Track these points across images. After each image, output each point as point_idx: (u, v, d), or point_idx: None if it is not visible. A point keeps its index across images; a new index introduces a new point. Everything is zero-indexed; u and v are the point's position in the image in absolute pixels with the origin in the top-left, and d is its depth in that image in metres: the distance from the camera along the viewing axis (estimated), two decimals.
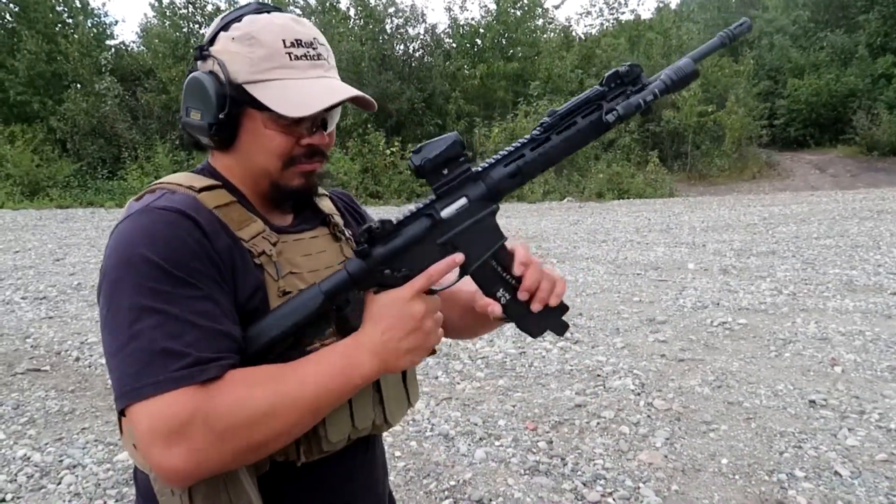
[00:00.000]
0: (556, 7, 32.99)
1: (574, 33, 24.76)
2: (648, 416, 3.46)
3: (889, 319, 5.03)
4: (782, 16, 27.84)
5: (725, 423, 3.37)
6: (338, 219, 1.14)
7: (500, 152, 0.99)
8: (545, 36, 22.79)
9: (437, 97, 19.64)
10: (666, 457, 3.04)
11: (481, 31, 21.53)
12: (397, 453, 3.13)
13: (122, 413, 0.82)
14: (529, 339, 4.80)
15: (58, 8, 22.04)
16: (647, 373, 4.06)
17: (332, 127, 1.02)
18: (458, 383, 4.02)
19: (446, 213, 0.95)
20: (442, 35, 21.64)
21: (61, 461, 3.12)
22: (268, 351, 0.91)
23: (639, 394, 3.75)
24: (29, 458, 3.14)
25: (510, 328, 5.06)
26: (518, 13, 21.72)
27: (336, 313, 0.95)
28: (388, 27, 20.45)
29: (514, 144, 0.98)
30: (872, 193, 14.47)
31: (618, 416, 3.47)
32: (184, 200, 0.90)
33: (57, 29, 21.30)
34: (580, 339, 4.78)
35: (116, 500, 2.81)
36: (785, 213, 11.85)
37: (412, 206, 0.99)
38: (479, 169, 0.97)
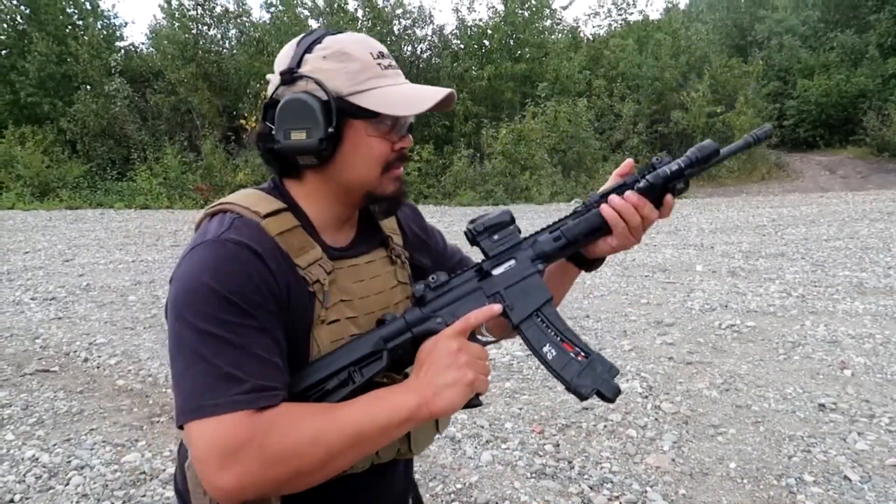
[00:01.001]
0: (564, 8, 32.82)
1: (582, 34, 24.73)
2: (656, 420, 3.44)
3: None
4: (792, 16, 27.70)
5: (734, 426, 3.35)
6: (397, 239, 1.17)
7: (551, 223, 1.09)
8: (553, 37, 22.72)
9: None
10: (673, 460, 3.02)
11: (489, 32, 21.46)
12: None
13: (180, 427, 0.88)
14: None
15: (68, 10, 22.16)
16: (655, 375, 4.04)
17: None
18: None
19: (496, 271, 1.04)
20: (449, 36, 21.64)
21: (69, 462, 3.13)
22: (320, 385, 0.96)
23: (646, 397, 3.73)
24: (37, 459, 3.16)
25: None
26: (526, 14, 21.67)
27: (392, 357, 1.00)
28: (395, 28, 20.46)
29: (563, 217, 1.10)
30: (883, 195, 14.37)
31: (625, 420, 3.45)
32: (249, 231, 0.94)
33: (67, 31, 21.40)
34: (587, 342, 4.76)
35: (124, 502, 2.82)
36: (794, 214, 11.78)
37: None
38: (527, 236, 1.08)
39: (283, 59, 1.01)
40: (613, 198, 1.06)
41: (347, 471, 0.99)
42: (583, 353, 1.02)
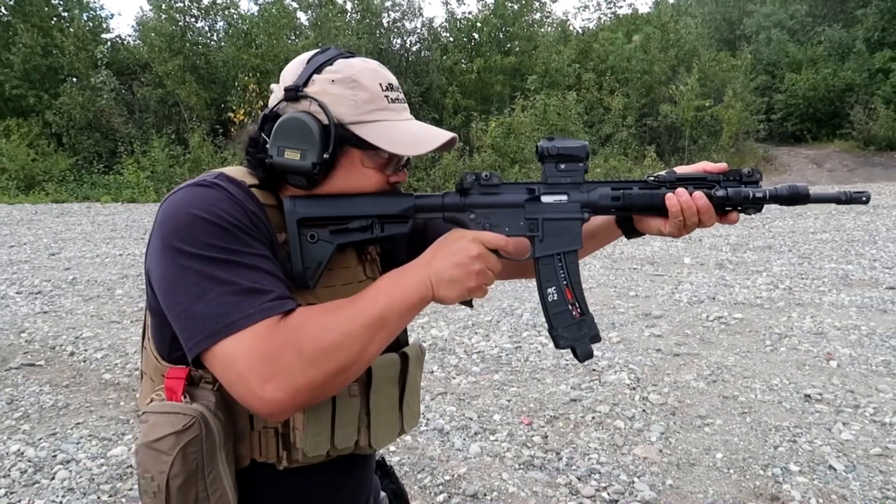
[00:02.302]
0: (554, 1, 32.79)
1: (571, 27, 24.71)
2: (643, 411, 3.46)
3: (884, 314, 5.04)
4: (780, 10, 27.80)
5: (720, 417, 3.37)
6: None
7: (616, 180, 1.08)
8: (542, 30, 22.71)
9: (434, 91, 19.58)
10: (661, 451, 3.04)
11: (478, 25, 21.43)
12: (392, 448, 3.12)
13: (197, 361, 0.87)
14: (525, 333, 4.80)
15: (53, 1, 21.91)
16: (643, 367, 4.06)
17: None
18: (454, 378, 4.01)
19: (545, 198, 1.03)
20: (439, 29, 21.57)
21: (55, 456, 3.11)
22: (344, 220, 0.98)
23: (634, 388, 3.75)
24: (22, 454, 3.13)
25: (506, 323, 5.05)
26: (515, 7, 21.63)
27: (414, 227, 1.03)
28: (384, 21, 20.38)
29: (630, 179, 1.08)
30: (869, 188, 14.44)
31: (613, 411, 3.47)
32: (236, 188, 0.95)
33: (52, 22, 21.16)
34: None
35: (110, 496, 2.80)
36: (781, 207, 11.83)
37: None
38: (590, 181, 1.05)
39: (290, 73, 0.99)
40: (682, 193, 1.04)
41: (305, 464, 0.99)
42: (579, 310, 1.04)
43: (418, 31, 20.94)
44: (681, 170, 1.09)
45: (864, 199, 1.05)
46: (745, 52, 22.23)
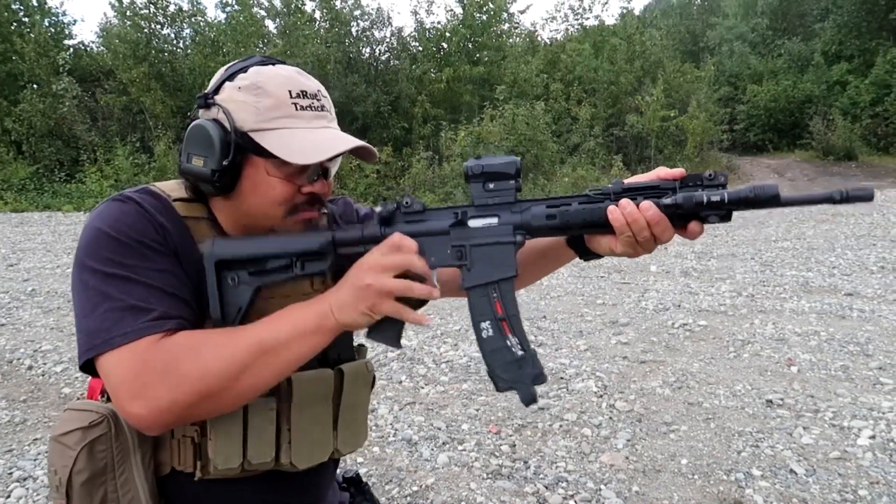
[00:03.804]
0: (522, 12, 33.11)
1: (539, 38, 24.98)
2: (610, 418, 3.49)
3: (843, 320, 5.16)
4: (742, 23, 28.47)
5: (685, 423, 3.41)
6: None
7: (554, 196, 0.98)
8: (511, 41, 22.92)
9: (403, 100, 19.59)
10: (627, 458, 3.06)
11: (447, 34, 21.54)
12: (360, 459, 3.10)
13: (85, 369, 0.90)
14: None
15: (13, 6, 21.44)
16: (610, 375, 4.09)
17: (331, 176, 1.05)
18: (423, 387, 4.00)
19: (473, 222, 0.95)
20: (408, 38, 21.63)
21: (11, 473, 3.02)
22: (262, 261, 0.96)
23: (601, 396, 3.78)
24: None
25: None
26: (484, 18, 21.79)
27: (335, 261, 0.99)
28: (353, 30, 20.35)
29: (570, 195, 0.97)
30: None
31: (580, 419, 3.49)
32: (153, 200, 0.96)
33: (12, 28, 20.72)
34: (544, 342, 4.81)
35: None
36: (744, 215, 12.09)
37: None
38: (522, 199, 0.96)
39: (212, 81, 1.01)
40: (626, 204, 0.91)
41: (222, 476, 0.97)
42: (520, 346, 0.93)
43: (387, 40, 20.98)
44: (632, 179, 0.97)
45: (867, 195, 0.84)
46: (708, 63, 22.70)
